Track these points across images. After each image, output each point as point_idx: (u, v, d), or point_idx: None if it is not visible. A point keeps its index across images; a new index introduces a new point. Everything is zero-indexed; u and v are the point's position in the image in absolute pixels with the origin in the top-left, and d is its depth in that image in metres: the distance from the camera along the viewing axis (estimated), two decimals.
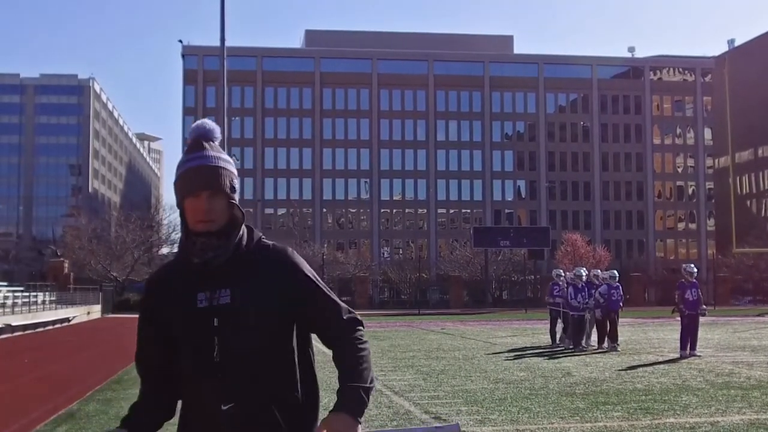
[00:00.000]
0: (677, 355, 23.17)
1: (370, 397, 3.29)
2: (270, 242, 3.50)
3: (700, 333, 25.20)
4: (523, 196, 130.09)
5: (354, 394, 3.23)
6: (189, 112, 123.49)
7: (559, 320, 28.85)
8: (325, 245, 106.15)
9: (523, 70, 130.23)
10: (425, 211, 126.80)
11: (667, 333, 34.52)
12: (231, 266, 3.36)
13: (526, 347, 27.88)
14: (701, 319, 24.81)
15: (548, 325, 30.26)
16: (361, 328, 3.49)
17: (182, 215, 3.39)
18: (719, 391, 15.25)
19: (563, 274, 29.86)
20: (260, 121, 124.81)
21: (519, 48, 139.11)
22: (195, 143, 3.44)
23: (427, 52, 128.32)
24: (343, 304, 3.48)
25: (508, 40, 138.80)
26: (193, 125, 3.50)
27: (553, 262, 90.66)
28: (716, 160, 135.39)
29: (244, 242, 3.43)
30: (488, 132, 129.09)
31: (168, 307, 3.41)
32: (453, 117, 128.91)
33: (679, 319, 24.29)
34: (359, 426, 3.17)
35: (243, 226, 3.43)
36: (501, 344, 29.26)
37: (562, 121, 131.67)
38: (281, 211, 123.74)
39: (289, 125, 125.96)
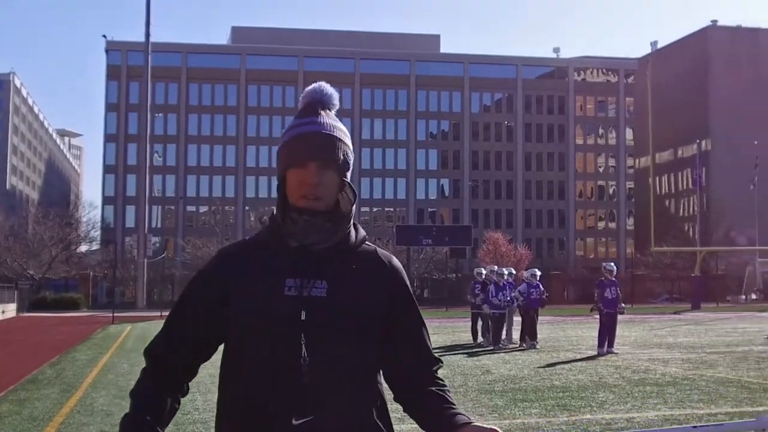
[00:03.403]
0: (595, 353, 23.43)
1: None
2: (373, 245, 3.03)
3: (618, 330, 25.50)
4: (447, 195, 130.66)
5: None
6: (112, 108, 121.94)
7: (480, 318, 28.94)
8: None
9: (449, 69, 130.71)
10: None
11: (585, 331, 34.90)
12: (331, 257, 2.86)
13: (446, 345, 27.97)
14: (619, 317, 25.12)
15: (469, 323, 30.38)
16: (441, 366, 3.08)
17: (281, 189, 2.89)
18: (635, 387, 15.44)
19: (484, 273, 29.96)
20: (184, 118, 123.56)
21: (445, 47, 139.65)
22: (309, 107, 2.94)
23: (354, 50, 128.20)
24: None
25: (434, 39, 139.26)
26: (308, 88, 2.99)
27: (475, 260, 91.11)
28: (637, 161, 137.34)
29: (353, 235, 2.95)
30: (413, 130, 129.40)
31: (244, 287, 2.83)
32: (378, 115, 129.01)
33: (597, 316, 24.58)
34: None
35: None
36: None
37: (487, 121, 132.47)
38: (203, 209, 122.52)
39: (213, 122, 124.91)
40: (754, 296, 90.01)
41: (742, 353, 23.09)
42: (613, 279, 24.75)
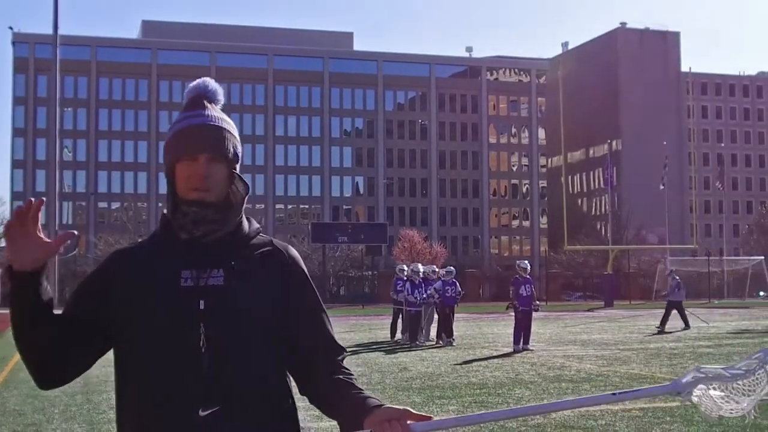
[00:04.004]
0: (511, 350, 23.56)
1: None
2: (269, 237, 3.07)
3: (533, 328, 25.69)
4: (361, 192, 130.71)
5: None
6: (19, 101, 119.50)
7: (401, 315, 28.84)
8: None
9: (362, 66, 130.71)
10: (263, 206, 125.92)
11: (501, 328, 35.12)
12: (226, 247, 2.86)
13: (363, 343, 27.92)
14: (534, 315, 25.32)
15: (387, 320, 30.31)
16: (346, 356, 3.06)
17: (171, 183, 2.91)
18: (551, 384, 15.54)
19: (406, 269, 29.88)
20: (94, 113, 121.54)
21: (359, 45, 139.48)
22: (195, 101, 2.96)
23: (267, 46, 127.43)
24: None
25: (348, 36, 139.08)
26: (193, 84, 3.02)
27: (391, 258, 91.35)
28: (549, 160, 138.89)
29: (246, 226, 2.97)
30: (327, 128, 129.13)
31: (138, 283, 2.78)
32: (292, 112, 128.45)
33: (513, 314, 24.73)
34: None
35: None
36: (338, 340, 29.14)
37: (401, 119, 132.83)
38: (115, 205, 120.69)
39: (124, 117, 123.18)
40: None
41: (654, 350, 23.44)
42: (528, 277, 24.94)
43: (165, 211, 2.95)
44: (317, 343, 2.98)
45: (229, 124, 3.01)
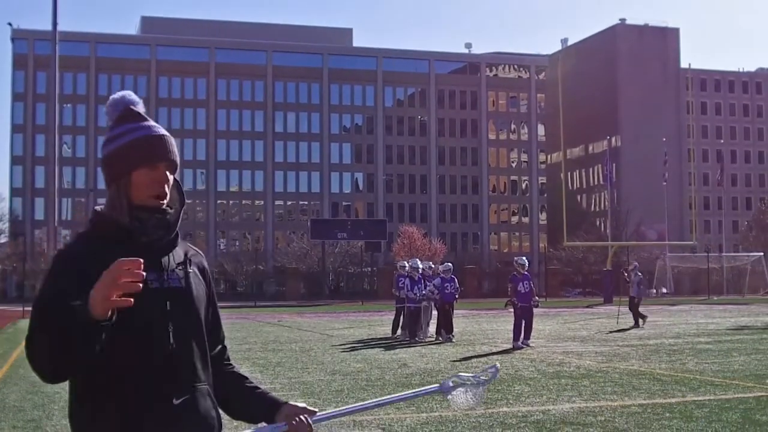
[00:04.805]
0: (510, 346, 23.57)
1: None
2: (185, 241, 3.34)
3: (533, 324, 25.65)
4: (361, 189, 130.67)
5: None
6: (18, 97, 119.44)
7: (403, 312, 28.79)
8: None
9: (361, 63, 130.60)
10: (262, 202, 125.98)
11: (500, 324, 35.13)
12: (171, 250, 3.12)
13: (363, 339, 27.94)
14: (534, 311, 25.27)
15: (389, 316, 30.29)
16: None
17: (123, 188, 3.04)
18: (550, 380, 15.56)
19: (408, 266, 29.87)
20: (93, 109, 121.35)
21: (358, 41, 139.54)
22: (136, 113, 3.16)
23: (266, 42, 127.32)
24: None
25: (347, 32, 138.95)
26: (117, 97, 3.20)
27: (390, 254, 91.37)
28: (548, 156, 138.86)
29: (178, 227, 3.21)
30: (326, 124, 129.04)
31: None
32: (291, 108, 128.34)
33: (512, 310, 24.71)
34: None
35: None
36: (338, 336, 29.24)
37: (400, 115, 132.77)
38: None
39: None
40: (664, 290, 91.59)
41: (653, 346, 23.46)
42: (526, 273, 24.85)
43: (98, 209, 3.12)
44: (219, 338, 3.34)
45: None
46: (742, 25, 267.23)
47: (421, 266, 28.26)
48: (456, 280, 28.41)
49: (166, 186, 3.06)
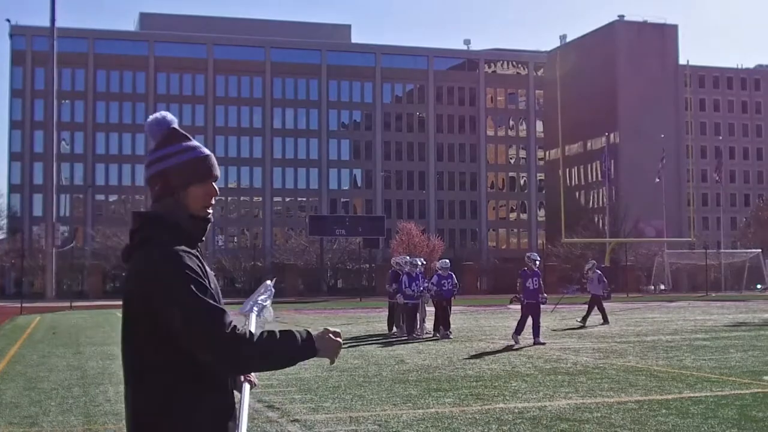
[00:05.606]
0: (509, 342, 23.55)
1: None
2: None
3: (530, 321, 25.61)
4: (359, 185, 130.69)
5: None
6: (17, 94, 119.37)
7: (398, 308, 28.79)
8: None
9: (360, 59, 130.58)
10: (260, 199, 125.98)
11: (497, 321, 35.16)
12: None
13: (360, 335, 27.94)
14: (541, 306, 25.03)
15: (386, 313, 30.28)
16: None
17: (182, 200, 3.45)
18: (547, 376, 15.57)
19: (407, 261, 29.81)
20: (91, 105, 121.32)
21: (356, 37, 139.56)
22: (181, 132, 3.52)
23: (264, 38, 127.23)
24: None
25: (345, 29, 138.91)
26: (159, 117, 3.56)
27: (388, 251, 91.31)
28: (547, 152, 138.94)
29: None
30: (325, 120, 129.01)
31: (211, 284, 3.45)
32: (289, 105, 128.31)
33: (510, 306, 24.66)
34: None
35: None
36: None
37: (399, 111, 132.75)
38: (113, 198, 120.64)
39: (122, 109, 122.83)
40: (662, 286, 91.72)
41: (651, 343, 23.46)
42: (536, 269, 24.71)
43: (161, 215, 3.51)
44: None
45: None
46: (741, 22, 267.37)
47: (419, 263, 28.23)
48: (454, 276, 28.38)
49: (214, 199, 3.51)
